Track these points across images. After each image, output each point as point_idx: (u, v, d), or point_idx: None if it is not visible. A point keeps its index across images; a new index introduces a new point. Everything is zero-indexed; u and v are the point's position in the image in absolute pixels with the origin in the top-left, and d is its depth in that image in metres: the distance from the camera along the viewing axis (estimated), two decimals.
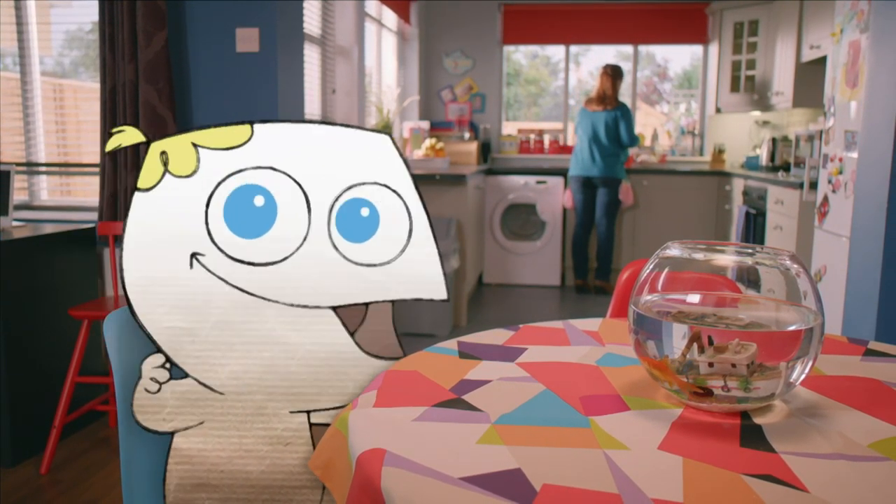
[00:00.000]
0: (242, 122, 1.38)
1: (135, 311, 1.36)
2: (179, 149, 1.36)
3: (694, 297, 1.09)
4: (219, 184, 1.36)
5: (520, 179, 6.16)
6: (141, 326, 1.37)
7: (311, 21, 4.32)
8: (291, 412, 1.43)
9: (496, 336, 1.47)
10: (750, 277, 1.09)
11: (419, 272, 1.43)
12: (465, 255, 4.87)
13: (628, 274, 1.85)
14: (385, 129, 5.34)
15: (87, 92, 3.91)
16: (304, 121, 1.41)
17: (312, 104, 4.39)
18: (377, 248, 1.41)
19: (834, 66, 3.66)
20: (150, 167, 1.36)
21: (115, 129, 1.37)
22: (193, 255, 1.36)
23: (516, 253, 6.20)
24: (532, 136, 7.01)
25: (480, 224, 5.95)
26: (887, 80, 2.79)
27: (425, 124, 6.46)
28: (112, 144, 1.37)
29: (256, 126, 1.38)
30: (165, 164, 1.36)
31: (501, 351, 1.37)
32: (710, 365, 0.99)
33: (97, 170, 3.54)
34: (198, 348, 1.40)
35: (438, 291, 1.45)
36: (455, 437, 0.98)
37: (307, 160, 1.38)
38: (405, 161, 1.43)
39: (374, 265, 1.41)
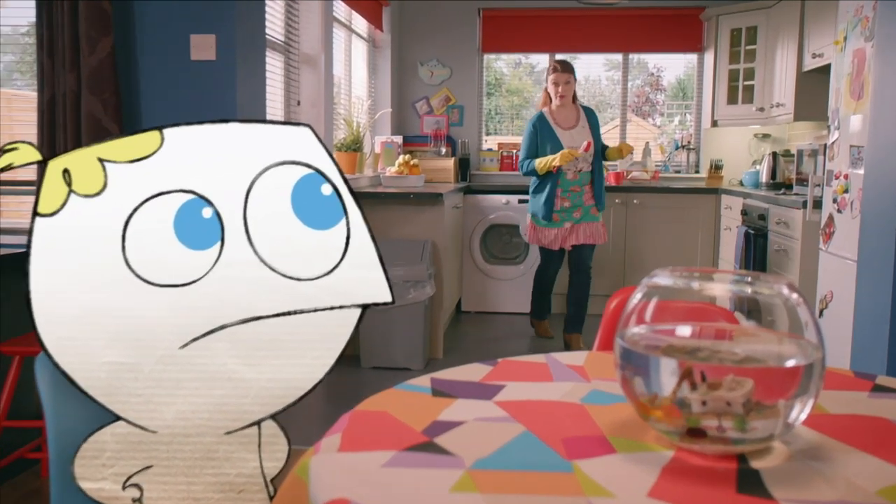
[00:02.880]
0: (151, 129, 1.36)
1: (49, 353, 1.33)
2: (83, 165, 1.34)
3: (685, 329, 1.09)
4: (136, 209, 1.34)
5: (501, 198, 6.18)
6: (58, 368, 1.34)
7: (274, 26, 4.33)
8: (245, 456, 1.41)
9: (473, 371, 1.46)
10: (750, 307, 1.09)
11: (357, 276, 1.42)
12: (441, 280, 4.86)
13: (616, 303, 1.85)
14: (354, 143, 5.34)
15: (23, 101, 3.87)
16: (217, 121, 1.40)
17: (275, 117, 4.39)
18: (311, 256, 1.40)
19: (837, 76, 3.72)
20: (52, 189, 1.33)
21: (6, 146, 1.34)
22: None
23: (497, 278, 6.20)
24: (514, 152, 7.04)
25: (458, 247, 5.95)
26: (895, 91, 2.83)
27: (398, 139, 6.48)
28: (1, 164, 1.33)
29: (167, 131, 1.36)
30: (69, 183, 1.33)
31: (478, 388, 1.36)
32: (704, 403, 0.99)
33: (32, 188, 3.50)
34: (141, 386, 1.38)
35: (382, 294, 1.44)
36: (426, 484, 0.97)
37: (223, 163, 1.37)
38: (331, 155, 1.42)
39: (308, 279, 1.39)
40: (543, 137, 5.00)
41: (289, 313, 1.40)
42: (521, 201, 6.09)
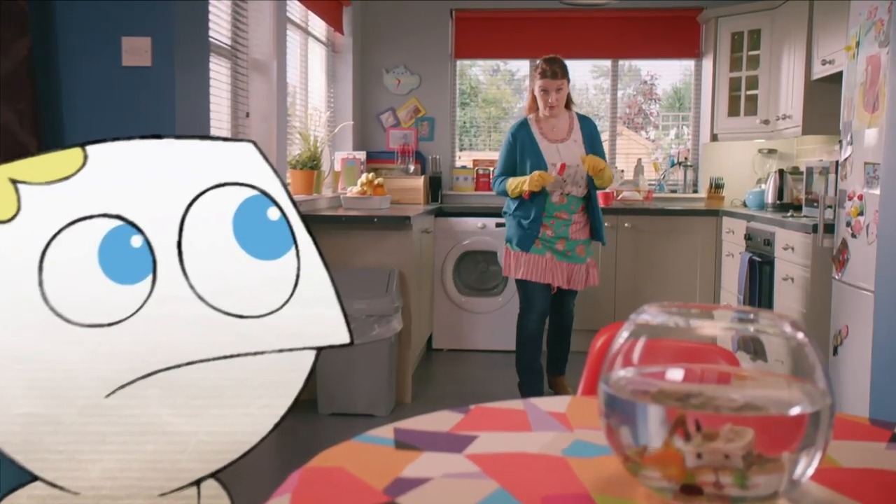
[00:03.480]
0: (73, 146, 1.35)
1: None
2: None
3: (677, 373, 1.09)
4: (54, 236, 1.32)
5: (476, 222, 6.20)
6: None
7: (219, 28, 4.33)
8: None
9: (441, 420, 1.46)
10: (755, 348, 1.10)
11: (310, 313, 1.41)
12: (409, 314, 4.85)
13: (603, 340, 1.85)
14: (311, 160, 5.34)
15: None
16: (148, 136, 1.39)
17: (221, 131, 4.38)
18: (256, 291, 1.39)
19: (849, 85, 3.78)
20: None
21: None
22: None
23: (473, 311, 6.20)
24: (491, 169, 7.08)
25: (429, 276, 5.95)
26: None
27: (361, 155, 6.48)
28: None
29: (90, 148, 1.35)
30: None
31: (447, 439, 1.36)
32: (699, 456, 0.99)
33: None
34: (61, 441, 1.36)
35: (339, 335, 1.44)
36: None
37: (155, 184, 1.36)
38: (277, 173, 1.42)
39: (254, 317, 1.38)
40: (524, 151, 4.64)
41: (231, 357, 1.39)
42: (499, 225, 6.11)
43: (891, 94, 3.07)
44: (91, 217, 1.34)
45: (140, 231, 1.35)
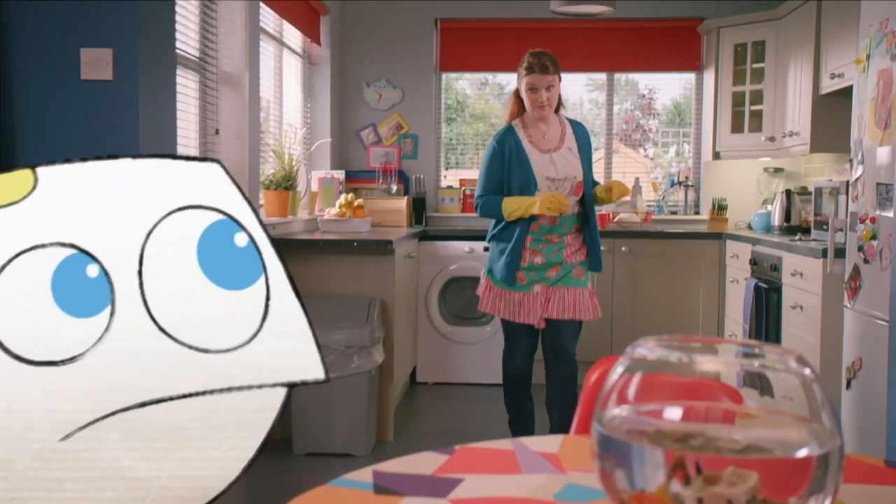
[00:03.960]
0: (22, 167, 1.34)
1: None
2: None
3: (675, 411, 1.09)
4: (3, 267, 1.31)
5: (463, 245, 6.20)
6: None
7: (186, 39, 4.34)
8: None
9: (424, 462, 1.45)
10: (762, 384, 1.10)
11: (281, 346, 1.41)
12: (391, 345, 4.84)
13: (598, 374, 1.85)
14: (286, 180, 5.34)
15: None
16: (104, 157, 1.38)
17: (188, 149, 4.38)
18: (222, 323, 1.38)
19: (860, 100, 3.80)
20: None
21: None
22: None
23: (459, 342, 6.19)
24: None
25: (412, 305, 5.94)
26: None
27: (340, 174, 6.49)
28: None
29: (41, 170, 1.35)
30: None
31: (430, 483, 1.35)
32: (699, 501, 0.99)
33: None
34: (14, 487, 1.34)
35: (313, 370, 1.43)
36: None
37: (112, 209, 1.36)
38: (245, 196, 1.41)
39: (220, 351, 1.37)
40: (511, 163, 4.23)
41: (196, 394, 1.38)
42: (487, 249, 6.11)
43: None
44: (43, 246, 1.33)
45: (96, 260, 1.34)
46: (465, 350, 6.20)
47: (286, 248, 4.91)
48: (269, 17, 5.61)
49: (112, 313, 1.34)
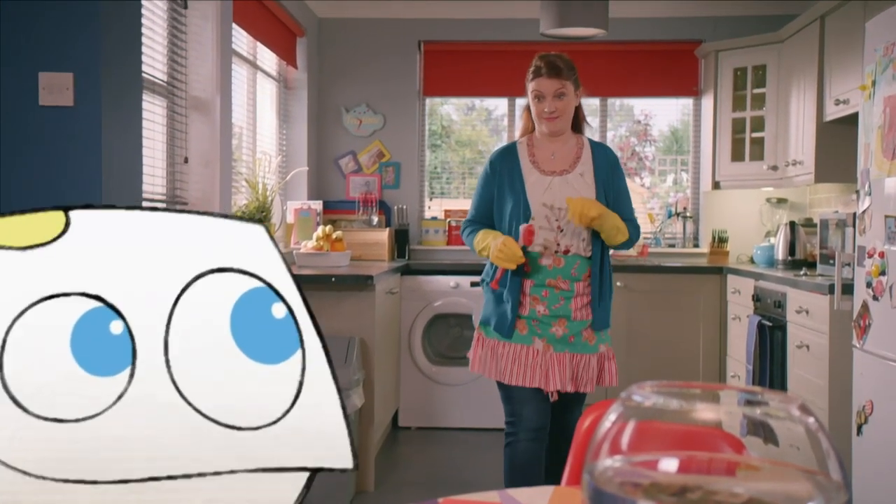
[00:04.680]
0: (55, 208, 1.33)
1: None
2: None
3: (672, 462, 1.08)
4: (22, 312, 1.30)
5: (448, 280, 6.20)
6: None
7: (153, 63, 4.34)
8: None
9: None
10: (766, 433, 1.09)
11: (312, 428, 1.39)
12: (372, 388, 4.82)
13: (591, 421, 1.84)
14: (260, 211, 5.34)
15: None
16: (145, 208, 1.38)
17: (154, 178, 4.37)
18: (252, 398, 1.36)
19: (866, 129, 3.83)
20: None
21: None
22: None
23: (444, 383, 6.17)
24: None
25: (394, 344, 5.93)
26: None
27: (317, 205, 6.49)
28: None
29: (73, 213, 1.33)
30: None
31: None
32: None
33: None
34: None
35: (342, 457, 1.41)
36: None
37: (144, 263, 1.34)
38: (287, 265, 1.40)
39: (248, 428, 1.36)
40: (504, 186, 3.73)
41: (213, 474, 1.36)
42: (474, 284, 6.10)
43: None
44: (66, 294, 1.31)
45: (121, 316, 1.32)
46: (450, 392, 6.17)
47: None
48: (242, 39, 5.62)
49: (131, 375, 1.32)
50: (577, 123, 3.81)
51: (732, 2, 6.81)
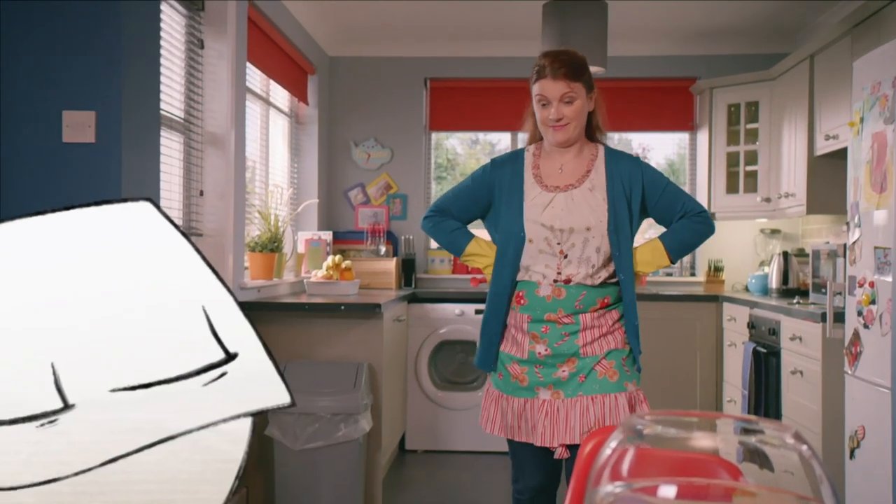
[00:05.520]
0: None
1: None
2: None
3: (671, 489, 1.08)
4: None
5: (454, 308, 6.20)
6: None
7: (171, 100, 4.37)
8: None
9: None
10: (762, 463, 1.09)
11: (244, 375, 1.39)
12: (379, 412, 4.81)
13: (592, 447, 1.84)
14: (272, 241, 5.35)
15: None
16: (36, 213, 1.38)
17: (172, 211, 4.38)
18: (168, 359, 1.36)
19: (855, 163, 3.84)
20: None
21: None
22: None
23: (450, 408, 6.15)
24: None
25: (402, 369, 5.92)
26: None
27: (327, 235, 6.50)
28: None
29: None
30: None
31: None
32: None
33: None
34: None
35: (279, 395, 1.41)
36: None
37: (49, 262, 1.35)
38: (178, 228, 1.40)
39: (169, 380, 1.36)
40: (501, 200, 3.09)
41: (166, 441, 1.36)
42: (478, 311, 6.11)
43: None
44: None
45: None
46: (456, 416, 6.16)
47: (272, 311, 4.95)
48: (255, 77, 5.66)
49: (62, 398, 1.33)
50: (593, 131, 3.18)
51: (726, 41, 6.86)
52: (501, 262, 3.01)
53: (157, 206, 1.39)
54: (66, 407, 1.33)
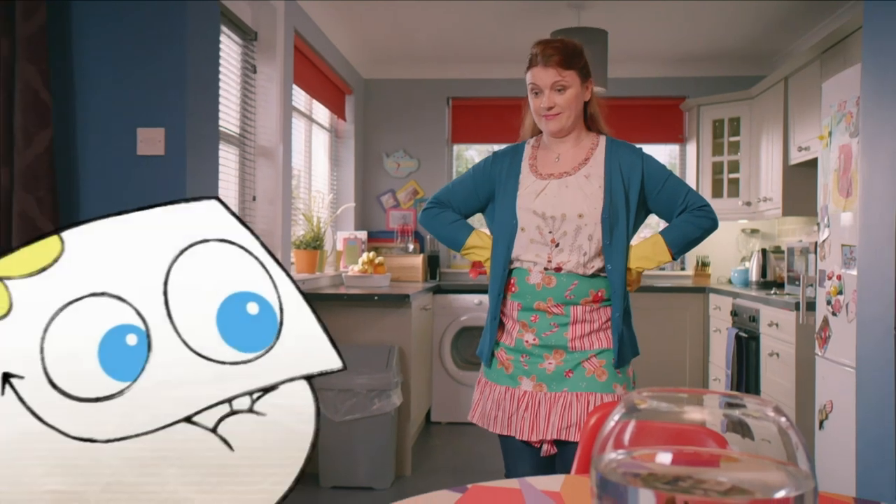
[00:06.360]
0: (48, 234, 1.36)
1: None
2: None
3: (666, 456, 1.09)
4: (49, 322, 1.33)
5: (473, 298, 6.20)
6: None
7: (228, 118, 4.40)
8: None
9: (441, 499, 1.45)
10: (740, 431, 1.10)
11: (301, 346, 1.41)
12: (408, 389, 4.83)
13: (596, 419, 1.85)
14: (315, 240, 5.37)
15: None
16: (118, 213, 1.40)
17: None
18: (246, 335, 1.38)
19: (825, 171, 3.83)
20: None
21: None
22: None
23: (470, 385, 6.15)
24: None
25: (427, 352, 5.94)
26: (883, 190, 2.92)
27: (362, 234, 6.52)
28: None
29: (66, 234, 1.36)
30: None
31: None
32: None
33: None
34: None
35: (331, 360, 1.43)
36: None
37: (132, 255, 1.37)
38: (243, 223, 1.42)
39: (245, 361, 1.38)
40: (499, 186, 2.69)
41: (231, 400, 1.38)
42: None
43: (862, 181, 3.11)
44: (79, 299, 1.34)
45: (127, 303, 1.35)
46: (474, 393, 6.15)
47: (314, 301, 4.95)
48: (300, 97, 5.68)
49: (149, 350, 1.35)
50: (594, 121, 2.77)
51: (712, 65, 6.84)
52: (496, 251, 2.60)
53: (223, 203, 1.41)
54: (148, 374, 1.35)
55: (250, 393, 1.40)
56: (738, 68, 6.84)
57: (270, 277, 1.41)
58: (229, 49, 4.40)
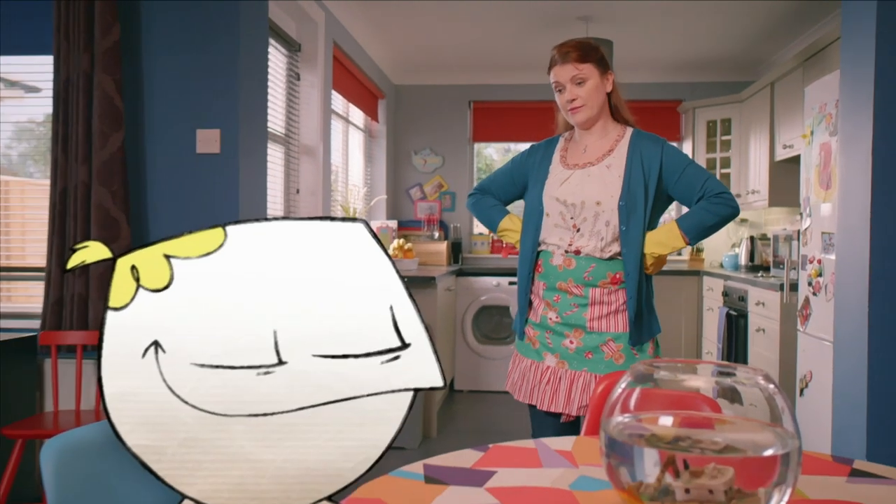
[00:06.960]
0: (213, 227, 1.38)
1: (116, 428, 1.35)
2: (151, 262, 1.35)
3: (667, 419, 1.10)
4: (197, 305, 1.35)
5: (492, 280, 6.21)
6: (123, 443, 1.34)
7: (275, 120, 4.41)
8: None
9: (464, 457, 1.46)
10: (732, 396, 1.11)
11: (411, 361, 1.43)
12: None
13: (604, 387, 1.85)
14: None
15: (35, 189, 3.91)
16: (275, 218, 1.42)
17: (275, 205, 4.44)
18: (366, 342, 1.40)
19: (807, 166, 3.80)
20: (121, 285, 1.34)
21: (78, 245, 1.37)
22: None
23: (489, 357, 6.18)
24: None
25: (451, 327, 5.95)
26: (859, 183, 2.90)
27: (393, 223, 6.54)
28: (74, 261, 1.36)
29: (229, 228, 1.38)
30: (137, 279, 1.35)
31: (469, 475, 1.36)
32: (687, 491, 1.00)
33: (42, 274, 3.51)
34: (164, 467, 1.37)
35: (435, 378, 1.45)
36: None
37: (283, 258, 1.39)
38: (381, 244, 1.44)
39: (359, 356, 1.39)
40: (533, 176, 2.62)
41: (332, 402, 1.40)
42: (511, 283, 6.11)
43: (841, 176, 3.09)
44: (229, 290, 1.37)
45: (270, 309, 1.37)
46: (493, 364, 6.18)
47: None
48: (338, 101, 5.69)
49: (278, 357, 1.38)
50: (618, 113, 2.60)
51: (706, 71, 6.78)
52: (525, 234, 2.57)
53: (369, 227, 1.43)
54: (280, 363, 1.37)
55: (355, 397, 1.41)
56: (730, 74, 6.79)
57: (411, 296, 1.43)
58: (276, 59, 4.42)
